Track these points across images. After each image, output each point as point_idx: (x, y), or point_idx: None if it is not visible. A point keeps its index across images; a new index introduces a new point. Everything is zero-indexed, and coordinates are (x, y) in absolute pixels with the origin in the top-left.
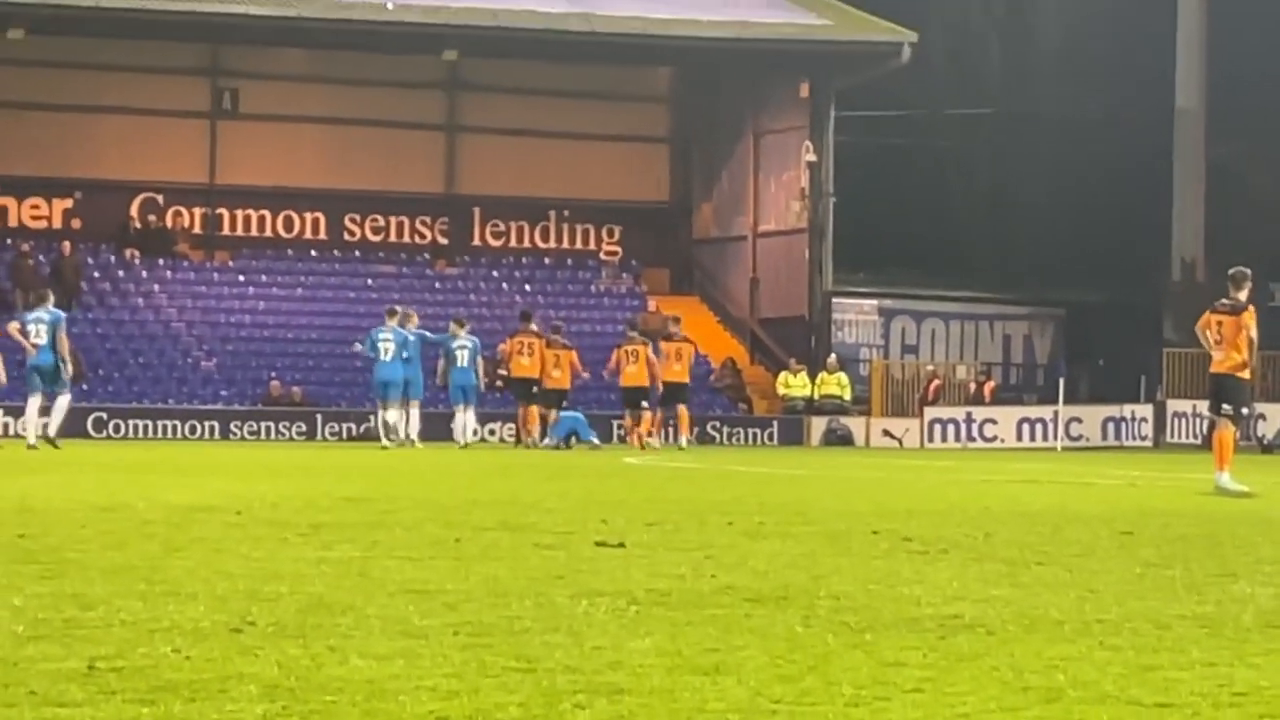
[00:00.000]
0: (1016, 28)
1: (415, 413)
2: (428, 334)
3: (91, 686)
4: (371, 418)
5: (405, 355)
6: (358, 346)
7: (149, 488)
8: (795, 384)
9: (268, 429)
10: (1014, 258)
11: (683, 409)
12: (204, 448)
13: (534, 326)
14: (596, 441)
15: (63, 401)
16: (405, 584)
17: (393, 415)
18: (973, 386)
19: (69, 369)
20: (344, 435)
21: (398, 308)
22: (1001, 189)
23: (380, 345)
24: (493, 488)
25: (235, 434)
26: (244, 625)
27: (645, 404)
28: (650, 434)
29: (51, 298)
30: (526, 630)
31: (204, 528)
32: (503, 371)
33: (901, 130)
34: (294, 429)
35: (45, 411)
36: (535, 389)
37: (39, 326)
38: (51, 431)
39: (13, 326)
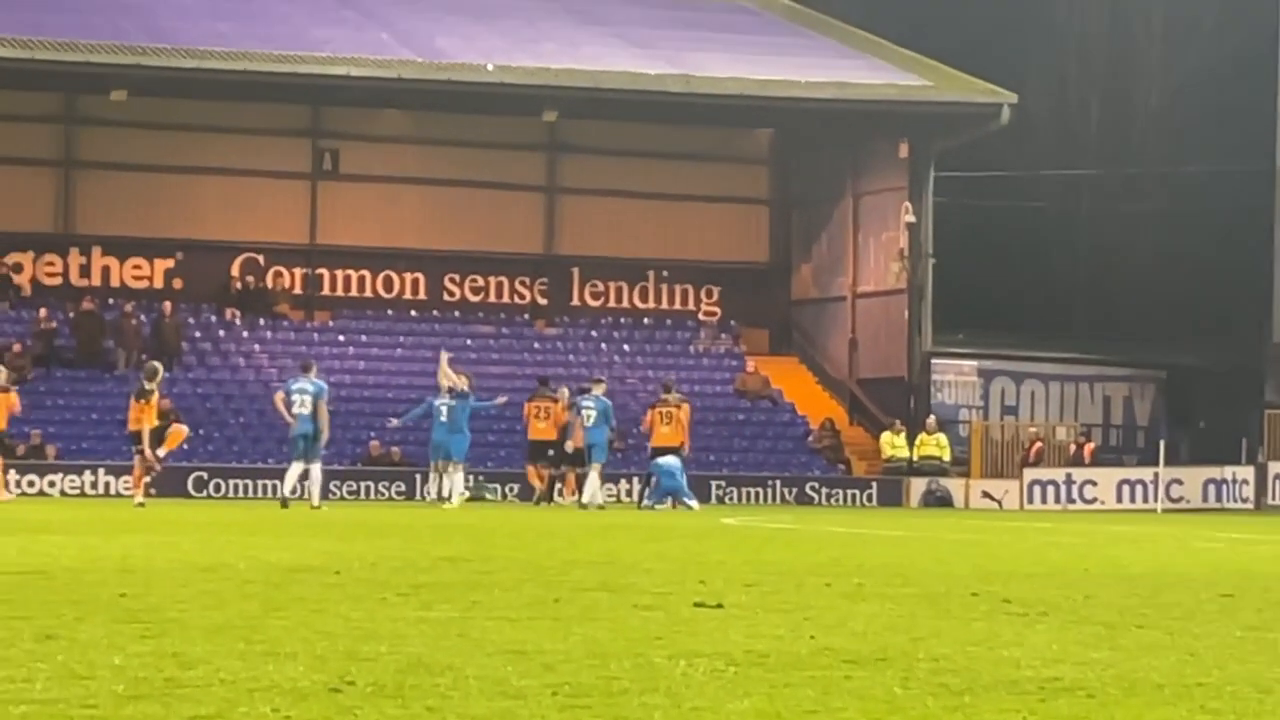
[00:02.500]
0: (1116, 88)
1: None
2: (474, 399)
3: None
4: (471, 478)
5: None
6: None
7: (249, 547)
8: (898, 444)
9: (367, 489)
10: (1114, 319)
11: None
12: (303, 508)
13: (549, 391)
14: (695, 505)
15: (316, 470)
16: (504, 644)
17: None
18: (1072, 448)
19: (325, 437)
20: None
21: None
22: (1101, 250)
23: (439, 407)
24: (591, 548)
25: (334, 494)
26: (343, 685)
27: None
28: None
29: (314, 368)
30: (625, 691)
31: (303, 587)
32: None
33: (1001, 191)
34: (393, 489)
35: (304, 475)
36: (551, 451)
37: (303, 397)
38: (315, 501)
39: (278, 397)
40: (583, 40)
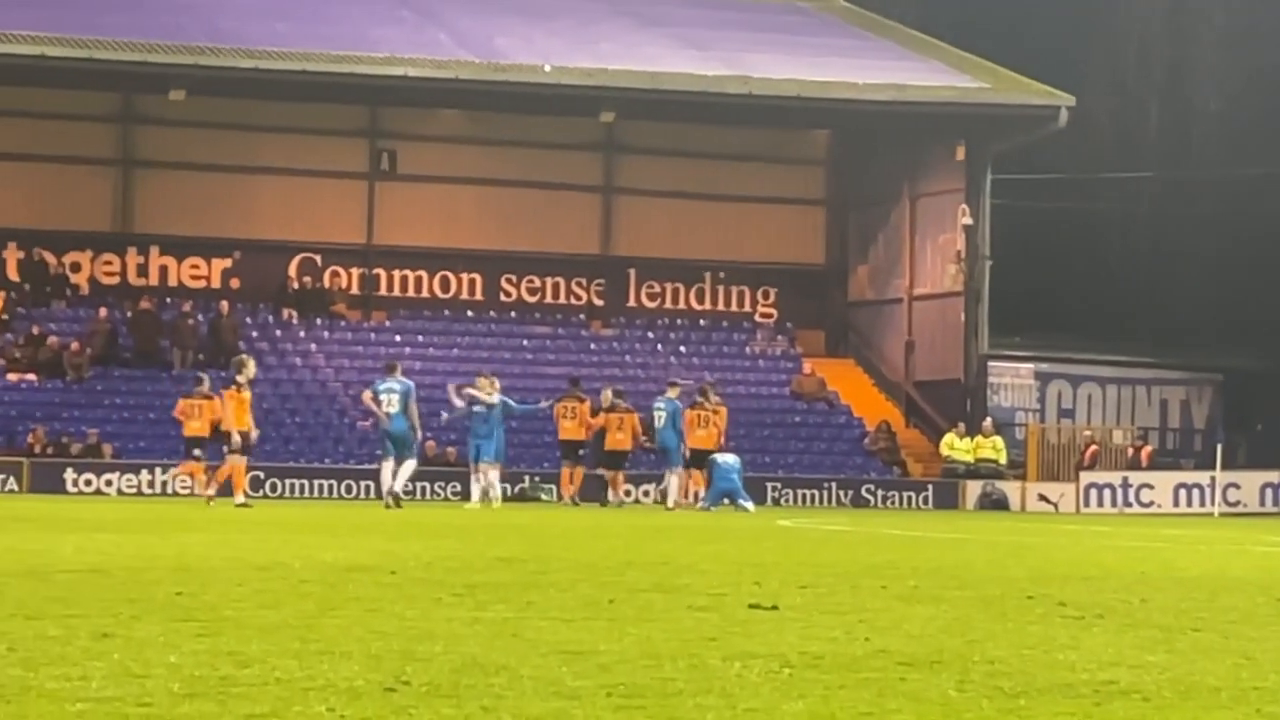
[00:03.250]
0: (1175, 89)
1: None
2: (511, 401)
3: None
4: (526, 479)
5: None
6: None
7: (305, 546)
8: (960, 446)
9: (422, 489)
10: (1172, 322)
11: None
12: (359, 507)
13: (579, 392)
14: (750, 507)
15: (409, 465)
16: (559, 645)
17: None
18: (1130, 451)
19: (418, 435)
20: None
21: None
22: (1159, 253)
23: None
24: (646, 549)
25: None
26: (398, 685)
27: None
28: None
29: (399, 368)
30: (679, 692)
31: (359, 587)
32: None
33: (1059, 193)
34: (449, 489)
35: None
36: (581, 451)
37: (390, 396)
38: (397, 487)
39: (366, 395)
40: (640, 41)
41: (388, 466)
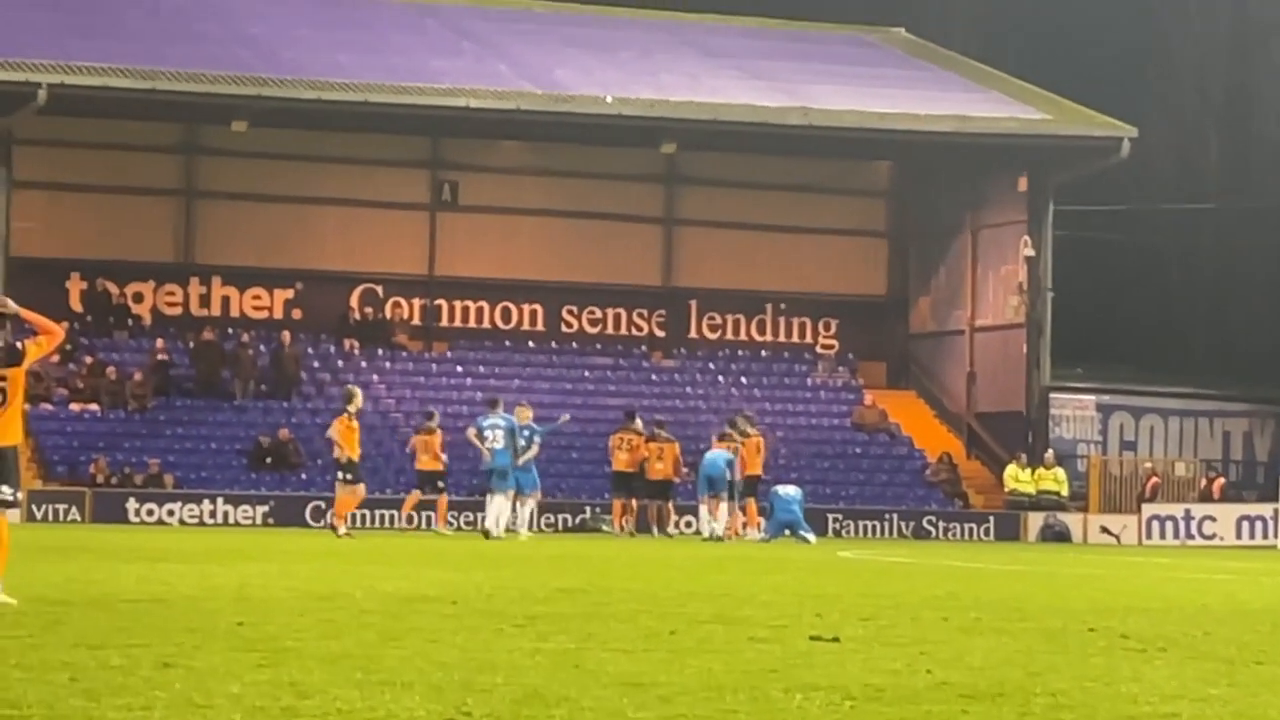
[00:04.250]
0: (1236, 119)
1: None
2: (537, 428)
3: None
4: (587, 510)
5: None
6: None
7: (366, 577)
8: (1023, 478)
9: (483, 519)
10: (1235, 354)
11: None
12: (420, 537)
13: (636, 425)
14: (811, 538)
15: (499, 502)
16: (620, 676)
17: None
18: (1202, 482)
19: (525, 458)
20: (559, 526)
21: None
22: (1221, 283)
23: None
24: (707, 580)
25: (452, 523)
26: (459, 716)
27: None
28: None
29: (501, 404)
30: None
31: (420, 617)
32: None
33: (1121, 224)
34: (515, 522)
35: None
36: (635, 483)
37: (495, 431)
38: (490, 527)
39: (470, 432)
40: (701, 72)
41: (498, 499)
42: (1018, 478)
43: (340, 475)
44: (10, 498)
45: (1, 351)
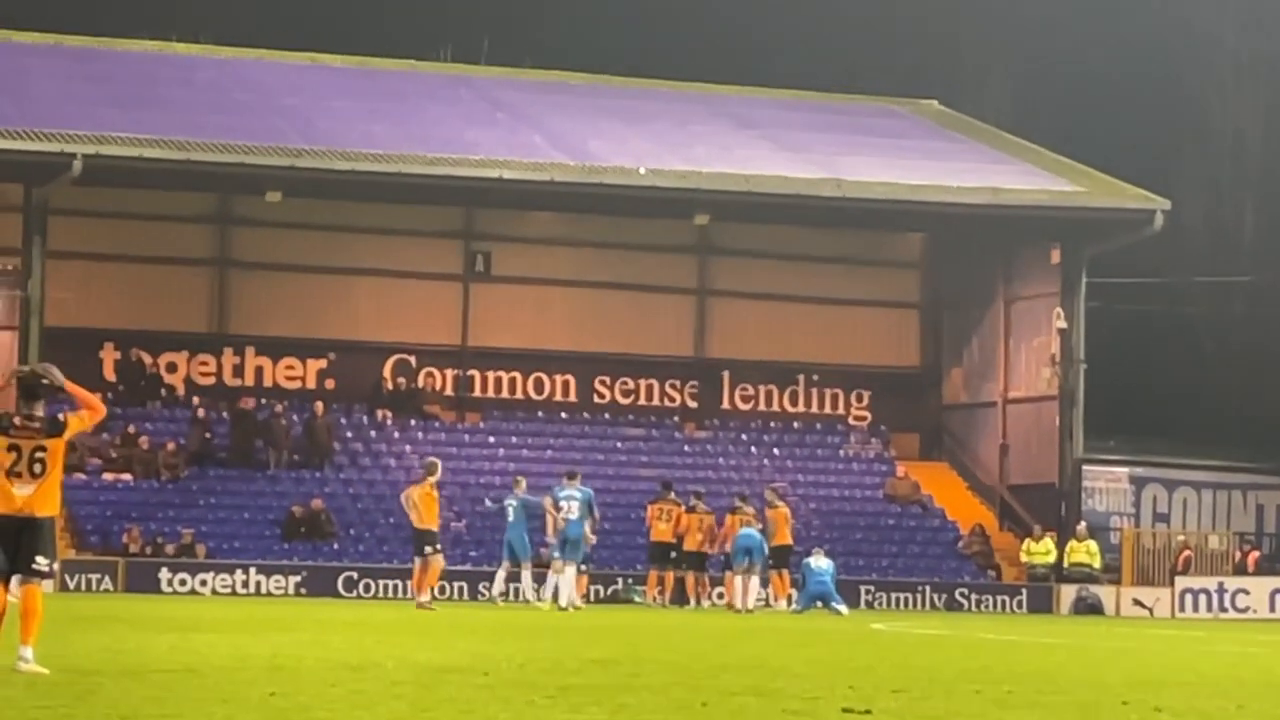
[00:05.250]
0: (1271, 190)
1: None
2: (532, 498)
3: None
4: (619, 580)
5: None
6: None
7: (398, 647)
8: (1037, 550)
9: (516, 590)
10: (1269, 425)
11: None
12: (452, 608)
13: (673, 495)
14: (844, 610)
15: (571, 571)
16: None
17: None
18: (1237, 555)
19: (592, 541)
20: (591, 597)
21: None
22: (1256, 356)
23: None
24: (740, 651)
25: (483, 595)
26: None
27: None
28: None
29: (579, 476)
30: None
31: (452, 688)
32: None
33: (1154, 296)
34: (541, 590)
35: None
36: (673, 554)
37: (571, 503)
38: (562, 601)
39: (547, 501)
40: (734, 143)
41: (568, 569)
42: (1030, 551)
43: (429, 547)
44: (45, 568)
45: (44, 422)
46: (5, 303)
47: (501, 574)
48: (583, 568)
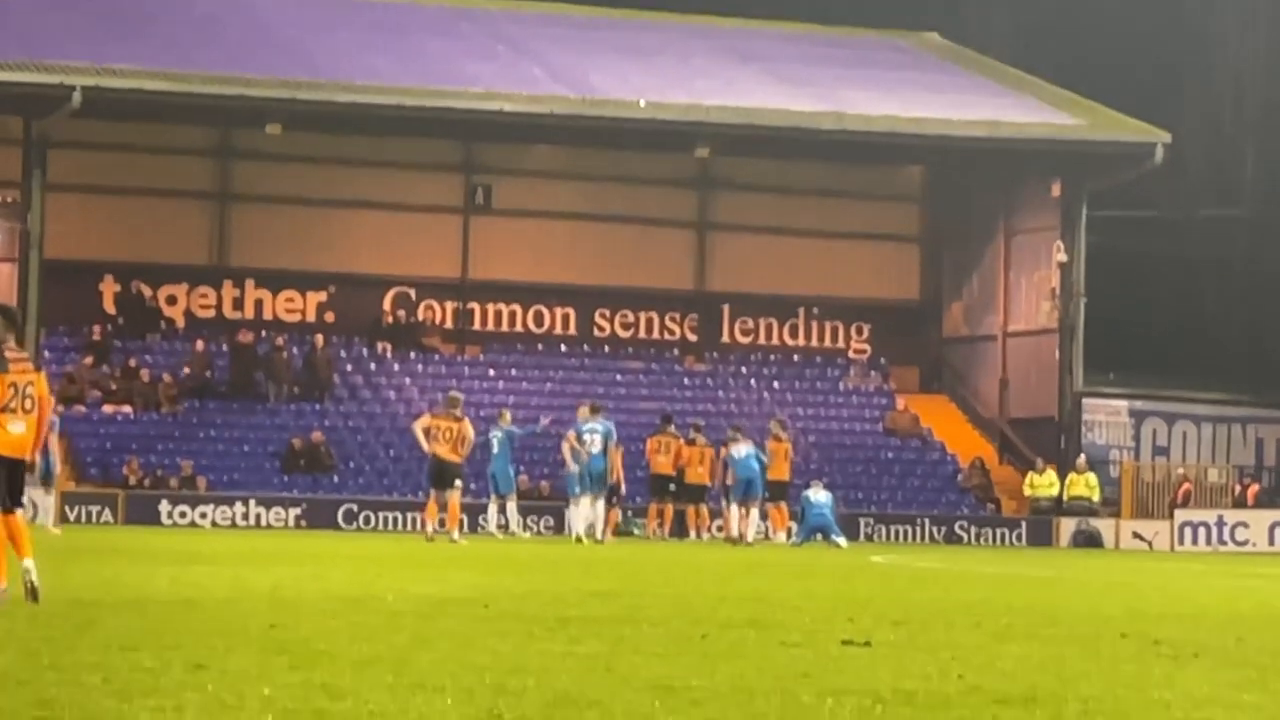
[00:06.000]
0: (1272, 127)
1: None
2: (517, 430)
3: None
4: (620, 513)
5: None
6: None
7: (398, 580)
8: (1041, 483)
9: (516, 522)
10: (1268, 360)
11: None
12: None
13: (673, 429)
14: (843, 543)
15: (601, 506)
16: (651, 680)
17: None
18: (1236, 489)
19: (618, 475)
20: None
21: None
22: (1255, 290)
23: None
24: (739, 585)
25: (483, 527)
26: (490, 719)
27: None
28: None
29: (602, 410)
30: None
31: (452, 621)
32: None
33: (1154, 230)
34: (541, 523)
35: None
36: (672, 485)
37: (594, 436)
38: (599, 535)
39: (570, 435)
40: (735, 77)
41: (585, 502)
42: (1035, 484)
43: (459, 480)
44: (23, 501)
45: (26, 361)
46: (5, 235)
47: (493, 508)
48: (614, 500)
